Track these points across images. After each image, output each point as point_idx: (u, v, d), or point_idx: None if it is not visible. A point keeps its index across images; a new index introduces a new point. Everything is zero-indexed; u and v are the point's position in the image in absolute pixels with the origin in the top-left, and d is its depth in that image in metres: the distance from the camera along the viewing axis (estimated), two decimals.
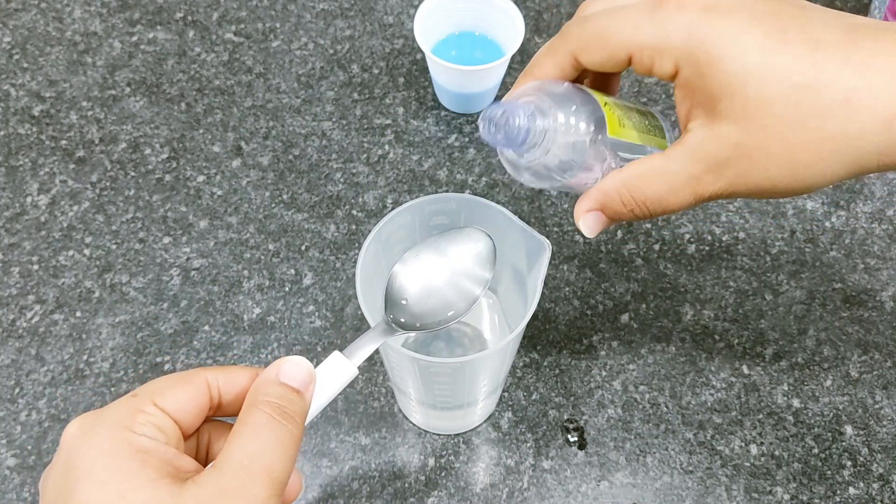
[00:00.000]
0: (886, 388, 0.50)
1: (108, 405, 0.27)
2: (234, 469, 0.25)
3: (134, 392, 0.28)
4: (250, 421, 0.26)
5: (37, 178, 0.59)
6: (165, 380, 0.28)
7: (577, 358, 0.52)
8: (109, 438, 0.26)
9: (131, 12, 0.67)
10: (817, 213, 0.57)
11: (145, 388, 0.28)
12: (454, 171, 0.59)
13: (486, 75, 0.56)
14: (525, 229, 0.37)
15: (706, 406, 0.50)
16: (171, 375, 0.29)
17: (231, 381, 0.29)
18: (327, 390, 0.29)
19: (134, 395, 0.27)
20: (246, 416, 0.27)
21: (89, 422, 0.26)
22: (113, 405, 0.27)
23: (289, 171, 0.59)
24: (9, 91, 0.63)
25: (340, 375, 0.30)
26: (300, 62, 0.64)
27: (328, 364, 0.30)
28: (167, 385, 0.28)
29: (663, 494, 0.47)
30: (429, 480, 0.48)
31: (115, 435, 0.26)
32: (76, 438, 0.26)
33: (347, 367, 0.30)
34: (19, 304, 0.54)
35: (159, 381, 0.28)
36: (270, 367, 0.29)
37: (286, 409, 0.27)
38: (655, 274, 0.55)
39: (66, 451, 0.26)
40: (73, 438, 0.26)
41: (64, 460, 0.26)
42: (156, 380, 0.28)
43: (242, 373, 0.29)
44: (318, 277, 0.55)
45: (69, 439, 0.26)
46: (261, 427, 0.26)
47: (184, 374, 0.28)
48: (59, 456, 0.26)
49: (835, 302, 0.53)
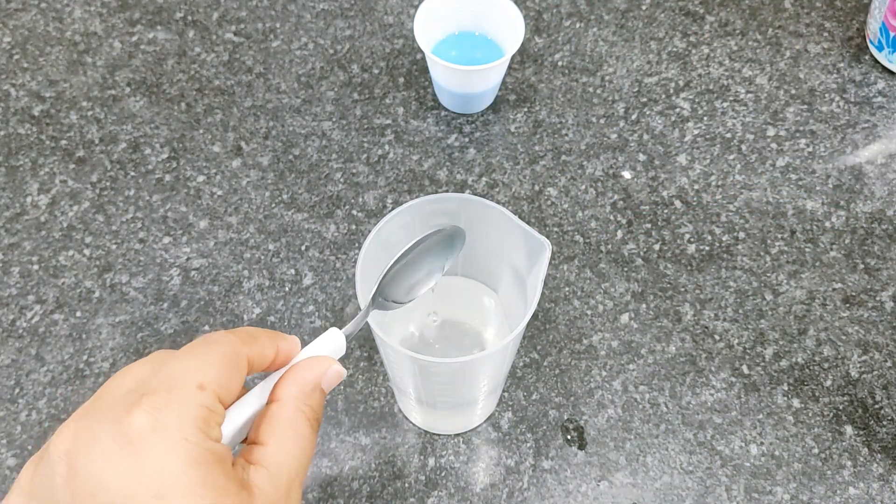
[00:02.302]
0: (886, 388, 0.50)
1: (170, 391, 0.24)
2: (286, 476, 0.25)
3: (200, 382, 0.24)
4: (296, 428, 0.26)
5: (37, 178, 0.59)
6: (220, 364, 0.25)
7: (577, 358, 0.52)
8: (196, 446, 0.23)
9: (131, 12, 0.67)
10: (817, 213, 0.57)
11: (209, 377, 0.25)
12: (454, 171, 0.59)
13: (486, 75, 0.56)
14: (525, 229, 0.37)
15: (706, 406, 0.50)
16: (215, 354, 0.26)
17: (261, 356, 0.28)
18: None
19: (201, 387, 0.24)
20: (293, 418, 0.26)
21: (164, 420, 0.23)
22: (179, 396, 0.24)
23: (289, 171, 0.59)
24: (9, 91, 0.63)
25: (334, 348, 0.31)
26: (300, 62, 0.64)
27: (326, 338, 0.31)
28: (223, 373, 0.25)
29: (663, 494, 0.47)
30: (429, 480, 0.48)
31: (201, 441, 0.23)
32: (152, 434, 0.22)
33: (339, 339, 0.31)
34: (19, 304, 0.54)
35: (211, 367, 0.25)
36: (313, 364, 0.28)
37: (319, 418, 0.27)
38: (655, 274, 0.55)
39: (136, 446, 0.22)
40: (148, 433, 0.22)
41: (131, 453, 0.22)
42: (204, 360, 0.25)
43: (269, 346, 0.28)
44: (318, 277, 0.55)
45: (139, 431, 0.22)
46: (304, 437, 0.26)
47: (230, 354, 0.26)
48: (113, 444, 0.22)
49: (835, 302, 0.53)
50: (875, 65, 0.64)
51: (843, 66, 0.64)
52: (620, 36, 0.66)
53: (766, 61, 0.64)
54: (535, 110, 0.62)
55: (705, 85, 0.63)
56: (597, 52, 0.65)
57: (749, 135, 0.61)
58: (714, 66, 0.64)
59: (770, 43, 0.65)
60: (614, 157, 0.59)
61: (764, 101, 0.62)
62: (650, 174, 0.59)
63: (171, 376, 0.24)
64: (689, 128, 0.61)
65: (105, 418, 0.23)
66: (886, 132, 0.61)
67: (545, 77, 0.63)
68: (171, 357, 0.25)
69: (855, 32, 0.66)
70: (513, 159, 0.59)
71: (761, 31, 0.66)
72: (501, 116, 0.61)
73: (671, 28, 0.66)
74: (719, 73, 0.64)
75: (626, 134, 0.61)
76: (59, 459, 0.23)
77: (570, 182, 0.58)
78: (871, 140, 0.60)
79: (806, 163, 0.59)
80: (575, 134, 0.61)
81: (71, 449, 0.23)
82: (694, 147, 0.60)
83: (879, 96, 0.62)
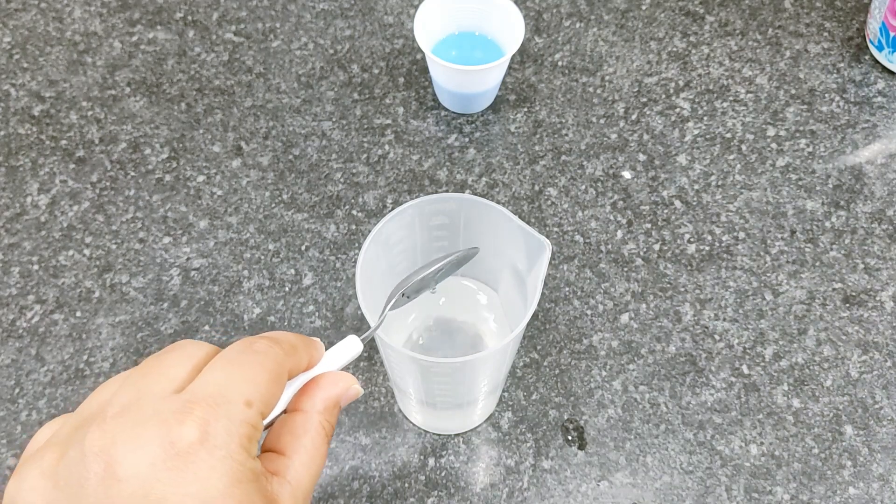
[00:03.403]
0: (886, 388, 0.50)
1: (219, 404, 0.23)
2: (303, 491, 0.25)
3: (247, 399, 0.24)
4: (317, 443, 0.26)
5: (37, 178, 0.59)
6: (267, 380, 0.25)
7: (577, 358, 0.52)
8: (241, 465, 0.23)
9: (131, 12, 0.67)
10: (817, 213, 0.57)
11: (256, 394, 0.24)
12: (454, 171, 0.59)
13: (486, 75, 0.56)
14: (525, 229, 0.37)
15: (706, 406, 0.50)
16: (261, 369, 0.25)
17: (298, 368, 0.27)
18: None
19: (248, 404, 0.24)
20: (315, 433, 0.26)
21: (213, 435, 0.22)
22: (228, 412, 0.23)
23: (289, 171, 0.59)
24: (9, 91, 0.63)
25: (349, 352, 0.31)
26: (300, 62, 0.64)
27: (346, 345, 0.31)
28: (269, 390, 0.25)
29: (663, 494, 0.47)
30: (429, 480, 0.48)
31: (245, 460, 0.23)
32: (200, 447, 0.22)
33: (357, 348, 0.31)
34: (19, 304, 0.54)
35: (259, 383, 0.25)
36: (338, 379, 0.28)
37: (332, 434, 0.28)
38: (655, 274, 0.55)
39: (183, 458, 0.22)
40: (196, 446, 0.22)
41: (179, 465, 0.22)
42: (251, 374, 0.25)
43: (306, 357, 0.28)
44: (318, 277, 0.55)
45: (188, 444, 0.22)
46: (322, 453, 0.27)
47: (275, 370, 0.25)
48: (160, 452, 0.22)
49: (835, 302, 0.53)
50: (875, 65, 0.64)
51: (843, 66, 0.64)
52: (620, 36, 0.66)
53: (766, 61, 0.64)
54: (535, 110, 0.62)
55: (705, 85, 0.63)
56: (597, 52, 0.65)
57: (749, 135, 0.61)
58: (714, 66, 0.64)
59: (770, 43, 0.65)
60: (614, 157, 0.59)
61: (764, 101, 0.62)
62: (650, 174, 0.59)
63: (219, 387, 0.24)
64: (689, 128, 0.61)
65: (151, 423, 0.22)
66: (886, 132, 0.61)
67: (545, 77, 0.63)
68: (215, 363, 0.25)
69: (855, 32, 0.66)
70: (513, 159, 0.59)
71: (761, 31, 0.66)
72: (501, 116, 0.61)
73: (671, 28, 0.66)
74: (719, 73, 0.64)
75: (626, 134, 0.61)
76: (96, 457, 0.22)
77: (570, 182, 0.58)
78: (871, 140, 0.60)
79: (806, 163, 0.59)
80: (575, 134, 0.61)
81: (111, 449, 0.22)
82: (694, 147, 0.60)
83: (879, 96, 0.62)
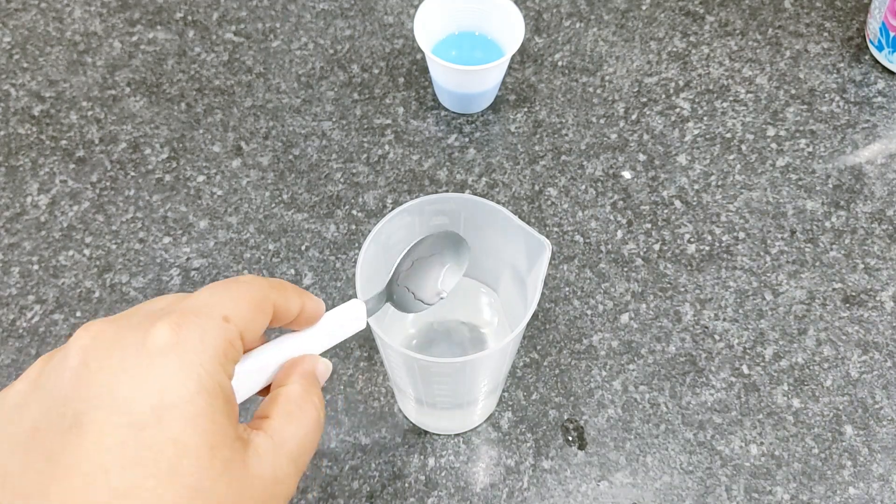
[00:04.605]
0: (886, 388, 0.50)
1: (197, 314, 0.23)
2: (286, 451, 0.25)
3: (225, 314, 0.24)
4: (304, 409, 0.26)
5: (37, 178, 0.59)
6: (247, 302, 0.25)
7: (577, 358, 0.52)
8: (210, 376, 0.22)
9: (131, 12, 0.67)
10: (817, 213, 0.57)
11: (235, 312, 0.24)
12: (454, 171, 0.59)
13: (486, 75, 0.56)
14: (525, 229, 0.37)
15: (706, 406, 0.50)
16: (244, 292, 0.25)
17: (287, 308, 0.27)
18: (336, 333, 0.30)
19: (226, 319, 0.24)
20: (300, 399, 0.26)
21: (184, 340, 0.23)
22: (204, 323, 0.23)
23: (289, 171, 0.59)
24: (9, 91, 0.63)
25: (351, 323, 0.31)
26: (300, 62, 0.64)
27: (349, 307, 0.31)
28: (249, 312, 0.25)
29: (663, 494, 0.47)
30: (429, 480, 0.48)
31: (215, 372, 0.23)
32: (170, 350, 0.22)
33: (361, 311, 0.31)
34: (19, 304, 0.54)
35: (239, 303, 0.25)
36: (308, 357, 0.28)
37: (323, 408, 0.27)
38: (655, 274, 0.55)
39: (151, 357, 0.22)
40: (166, 348, 0.22)
41: (145, 363, 0.22)
42: (233, 294, 0.25)
43: (296, 300, 0.28)
44: (318, 277, 0.55)
45: (159, 345, 0.22)
46: (310, 419, 0.26)
47: (257, 296, 0.25)
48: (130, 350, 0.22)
49: (835, 302, 0.53)
50: (875, 65, 0.64)
51: (843, 66, 0.64)
52: (620, 36, 0.66)
53: (766, 61, 0.64)
54: (535, 110, 0.62)
55: (705, 85, 0.63)
56: (597, 52, 0.65)
57: (749, 135, 0.61)
58: (714, 66, 0.64)
59: (770, 43, 0.65)
60: (614, 157, 0.59)
61: (764, 101, 0.62)
62: (650, 174, 0.59)
63: (199, 303, 0.24)
64: (689, 128, 0.61)
65: (130, 326, 0.23)
66: (886, 132, 0.61)
67: (545, 77, 0.63)
68: (203, 288, 0.25)
69: (855, 32, 0.66)
70: (513, 159, 0.59)
71: (761, 31, 0.66)
72: (501, 116, 0.61)
73: (671, 28, 0.66)
74: (719, 73, 0.64)
75: (626, 134, 0.61)
76: (75, 353, 0.23)
77: (570, 182, 0.58)
78: (871, 140, 0.60)
79: (806, 163, 0.59)
80: (575, 134, 0.61)
81: (89, 346, 0.23)
82: (694, 147, 0.60)
83: (879, 96, 0.62)
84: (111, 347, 0.23)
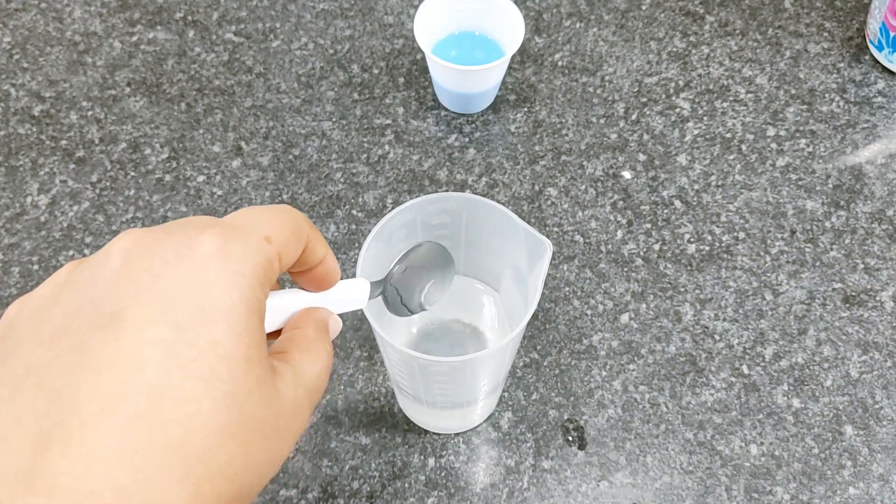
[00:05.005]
0: (886, 388, 0.50)
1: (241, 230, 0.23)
2: (305, 382, 0.25)
3: (267, 234, 0.24)
4: (319, 346, 0.26)
5: (37, 178, 0.59)
6: (288, 227, 0.25)
7: (577, 358, 0.52)
8: (251, 289, 0.22)
9: (131, 12, 0.67)
10: (817, 213, 0.57)
11: (277, 234, 0.24)
12: (454, 171, 0.59)
13: (486, 75, 0.56)
14: (526, 229, 0.37)
15: (706, 406, 0.50)
16: (285, 217, 0.25)
17: (314, 249, 0.27)
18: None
19: (268, 239, 0.24)
20: (315, 338, 0.26)
21: (230, 251, 0.22)
22: (248, 239, 0.23)
23: (289, 171, 0.59)
24: (9, 91, 0.63)
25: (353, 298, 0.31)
26: (300, 62, 0.64)
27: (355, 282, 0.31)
28: (288, 236, 0.25)
29: (663, 494, 0.47)
30: (429, 480, 0.48)
31: (255, 288, 0.22)
32: (214, 257, 0.22)
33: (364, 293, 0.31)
34: None
35: (280, 226, 0.24)
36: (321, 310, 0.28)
37: (332, 353, 0.28)
38: (655, 274, 0.55)
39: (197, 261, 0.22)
40: (211, 255, 0.22)
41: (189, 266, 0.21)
42: (274, 218, 0.24)
43: (321, 246, 0.27)
44: None
45: (205, 252, 0.22)
46: (324, 355, 0.26)
47: (296, 223, 0.25)
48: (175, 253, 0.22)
49: (835, 302, 0.53)
50: (875, 65, 0.64)
51: (843, 66, 0.64)
52: (620, 36, 0.66)
53: (766, 61, 0.64)
54: (535, 110, 0.62)
55: (705, 85, 0.63)
56: (597, 52, 0.65)
57: (749, 135, 0.61)
58: (714, 66, 0.64)
59: (770, 43, 0.65)
60: (614, 157, 0.59)
61: (764, 101, 0.62)
62: (650, 174, 0.59)
63: (241, 221, 0.24)
64: (689, 128, 0.61)
65: (175, 232, 0.23)
66: (886, 132, 0.61)
67: (545, 77, 0.63)
68: (243, 209, 0.25)
69: (855, 32, 0.66)
70: (513, 159, 0.59)
71: (761, 31, 0.66)
72: (501, 116, 0.61)
73: (671, 28, 0.66)
74: (719, 73, 0.64)
75: (626, 134, 0.61)
76: (116, 253, 0.22)
77: (570, 182, 0.58)
78: (871, 140, 0.60)
79: (806, 163, 0.59)
80: (575, 134, 0.61)
81: (132, 247, 0.22)
82: (694, 147, 0.60)
83: (879, 96, 0.62)
84: (155, 250, 0.22)
